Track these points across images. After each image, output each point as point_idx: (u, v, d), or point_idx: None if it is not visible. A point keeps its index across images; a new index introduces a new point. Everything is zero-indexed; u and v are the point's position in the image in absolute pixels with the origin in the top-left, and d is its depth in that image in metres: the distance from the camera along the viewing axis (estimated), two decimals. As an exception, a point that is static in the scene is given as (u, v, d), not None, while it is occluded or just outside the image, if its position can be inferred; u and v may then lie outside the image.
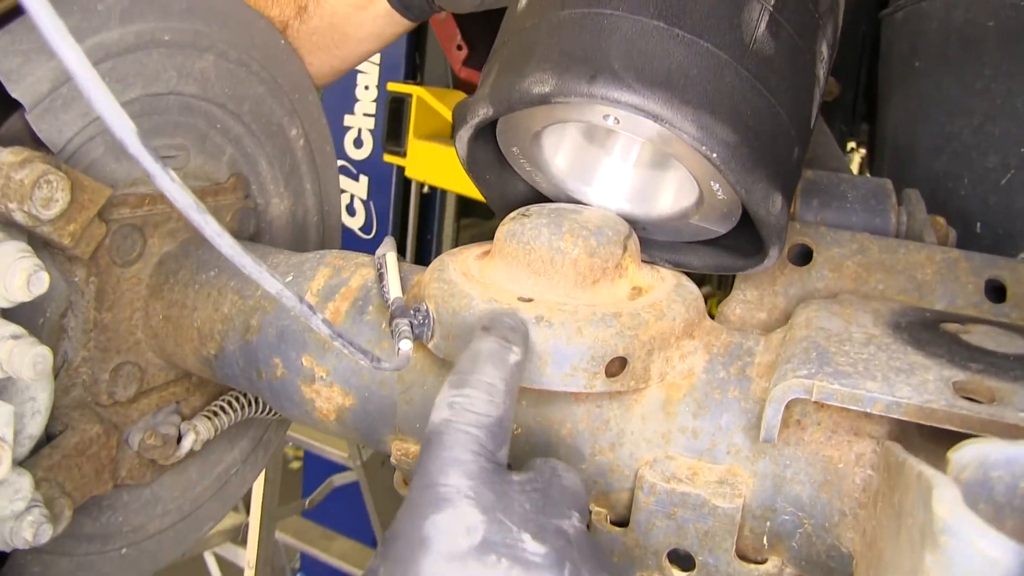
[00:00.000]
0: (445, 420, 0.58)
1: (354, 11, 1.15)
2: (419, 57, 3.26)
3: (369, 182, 3.37)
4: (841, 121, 1.79)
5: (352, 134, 3.33)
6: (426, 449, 0.58)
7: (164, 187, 0.42)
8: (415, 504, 0.55)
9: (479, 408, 0.59)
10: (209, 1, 1.00)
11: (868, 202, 0.95)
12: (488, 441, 0.58)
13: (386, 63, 3.21)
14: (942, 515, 0.36)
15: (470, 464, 0.56)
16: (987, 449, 0.41)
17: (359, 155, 3.35)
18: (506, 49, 0.80)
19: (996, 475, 0.41)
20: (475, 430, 0.58)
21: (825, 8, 0.79)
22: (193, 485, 1.12)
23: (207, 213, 0.45)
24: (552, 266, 0.76)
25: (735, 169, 0.71)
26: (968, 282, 0.84)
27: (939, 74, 1.24)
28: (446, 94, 2.99)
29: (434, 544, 0.52)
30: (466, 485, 0.55)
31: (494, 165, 0.91)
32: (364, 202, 3.36)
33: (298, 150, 1.19)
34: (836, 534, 0.67)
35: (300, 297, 0.54)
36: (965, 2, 1.21)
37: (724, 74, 0.72)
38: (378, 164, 3.26)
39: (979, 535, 0.34)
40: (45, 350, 0.74)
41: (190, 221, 0.45)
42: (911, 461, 0.48)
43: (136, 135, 0.40)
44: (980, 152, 1.16)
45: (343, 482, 3.32)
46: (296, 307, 0.54)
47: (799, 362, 0.65)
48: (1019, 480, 0.40)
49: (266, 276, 0.50)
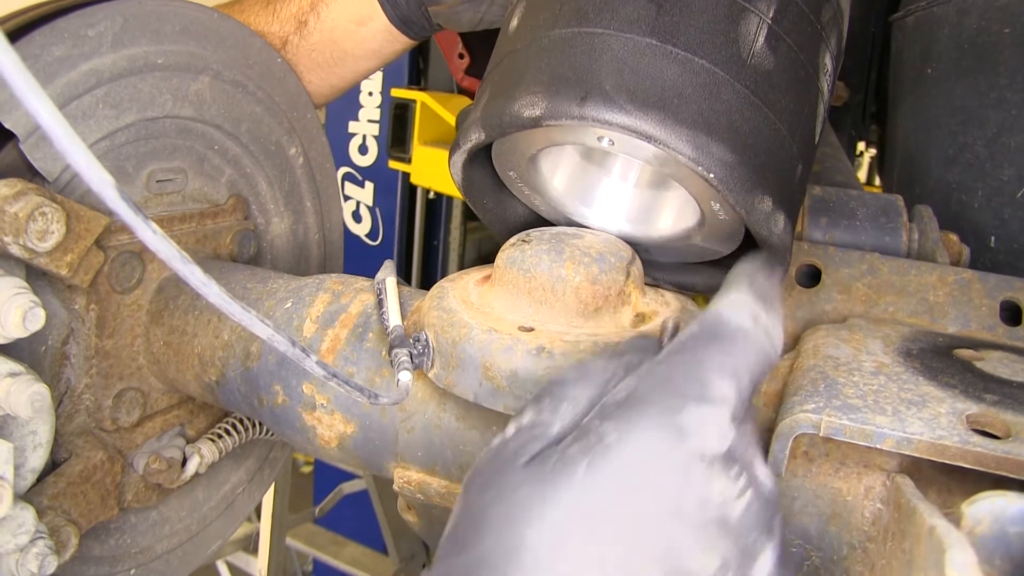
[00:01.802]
0: (744, 329, 0.52)
1: (354, 27, 1.14)
2: (422, 62, 3.25)
3: (375, 188, 3.35)
4: (851, 126, 1.77)
5: (357, 140, 3.32)
6: (712, 340, 0.52)
7: (146, 240, 0.41)
8: (674, 386, 0.50)
9: (774, 341, 0.53)
10: (202, 22, 0.99)
11: (878, 220, 0.93)
12: (759, 379, 0.53)
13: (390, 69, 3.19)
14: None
15: (744, 383, 0.51)
16: (1003, 503, 0.39)
17: (364, 161, 3.33)
18: (497, 72, 0.79)
19: (1014, 531, 0.39)
20: (765, 359, 0.53)
21: (828, 18, 0.77)
22: (200, 505, 1.12)
23: (192, 264, 0.44)
24: (553, 294, 0.74)
25: (734, 189, 0.69)
26: (982, 304, 0.82)
27: (951, 82, 1.21)
28: (450, 99, 2.97)
29: (689, 437, 0.48)
30: (732, 397, 0.50)
31: (491, 189, 0.90)
32: (370, 208, 3.35)
33: (297, 168, 1.18)
34: (844, 568, 0.66)
35: (293, 340, 0.53)
36: (979, 8, 1.18)
37: (720, 91, 0.69)
38: (383, 170, 3.25)
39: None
40: (43, 387, 0.74)
41: (175, 272, 0.44)
42: (923, 508, 0.47)
43: (115, 187, 0.39)
44: (995, 164, 1.14)
45: (353, 490, 3.32)
46: (289, 351, 0.53)
47: (806, 395, 0.63)
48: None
49: (256, 322, 0.49)
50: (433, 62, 3.19)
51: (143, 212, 0.40)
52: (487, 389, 0.71)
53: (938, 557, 0.37)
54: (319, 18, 1.13)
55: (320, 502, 3.41)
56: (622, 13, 0.71)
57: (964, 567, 0.34)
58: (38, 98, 0.36)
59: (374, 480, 3.01)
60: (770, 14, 0.73)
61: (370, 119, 3.29)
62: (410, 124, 2.97)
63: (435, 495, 0.80)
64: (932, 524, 0.42)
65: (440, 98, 2.95)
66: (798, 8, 0.74)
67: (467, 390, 0.72)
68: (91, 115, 0.86)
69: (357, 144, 3.34)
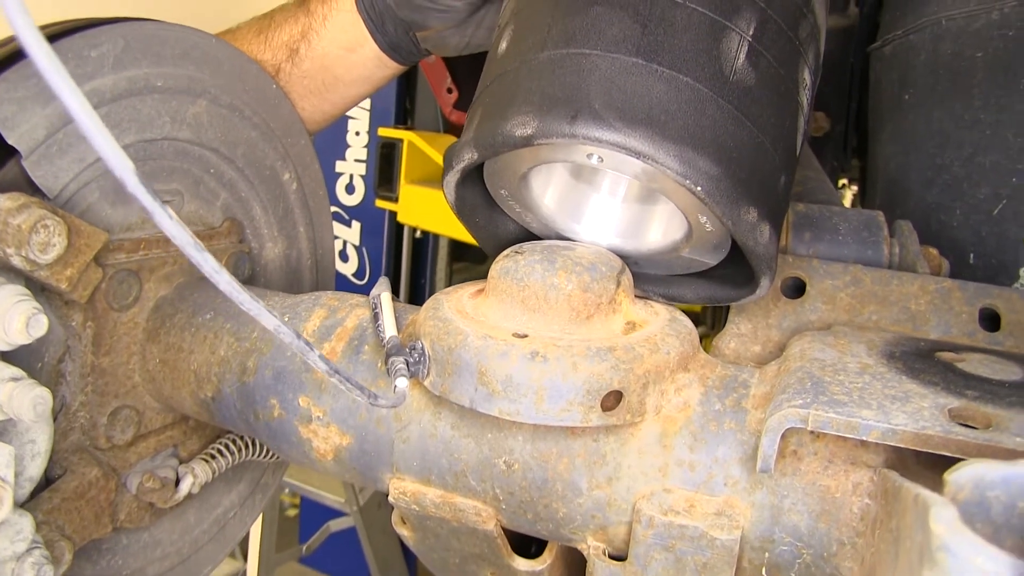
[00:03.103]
0: None
1: (345, 53, 1.16)
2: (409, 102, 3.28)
3: (361, 228, 3.37)
4: (832, 157, 1.80)
5: (344, 180, 3.34)
6: None
7: (163, 225, 0.43)
8: None
9: None
10: (201, 47, 1.01)
11: (860, 234, 0.96)
12: None
13: (377, 108, 3.22)
14: (939, 533, 0.36)
15: None
16: (983, 470, 0.41)
17: (351, 201, 3.35)
18: (488, 93, 0.81)
19: (993, 495, 0.41)
20: None
21: (805, 35, 0.80)
22: (192, 528, 1.12)
23: (205, 251, 0.45)
24: (546, 302, 0.76)
25: (720, 201, 0.71)
26: (962, 311, 0.85)
27: (929, 106, 1.25)
28: (436, 138, 3.01)
29: None
30: None
31: (483, 208, 0.92)
32: (357, 248, 3.37)
33: (291, 194, 1.20)
34: (835, 564, 0.67)
35: (297, 333, 0.54)
36: (953, 34, 1.22)
37: (705, 107, 0.72)
38: (370, 210, 3.27)
39: (976, 552, 0.34)
40: (45, 392, 0.75)
41: (189, 258, 0.46)
42: (908, 485, 0.48)
43: (135, 173, 0.41)
44: (971, 183, 1.17)
45: (340, 527, 3.30)
46: (294, 343, 0.54)
47: (794, 392, 0.65)
48: (1016, 500, 0.40)
49: (264, 313, 0.51)
50: (420, 102, 3.23)
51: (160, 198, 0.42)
52: (483, 394, 0.72)
53: (923, 519, 0.39)
54: (310, 45, 1.16)
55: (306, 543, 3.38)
56: (609, 34, 0.74)
57: (948, 520, 0.36)
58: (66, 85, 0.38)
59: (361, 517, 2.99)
60: (750, 32, 0.75)
61: (357, 158, 3.32)
62: (397, 163, 3.00)
63: (430, 505, 0.81)
64: (916, 493, 0.43)
65: (427, 137, 2.98)
66: (776, 25, 0.77)
67: (463, 396, 0.73)
68: (91, 135, 0.88)
69: (344, 183, 3.36)
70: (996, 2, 1.16)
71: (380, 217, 3.30)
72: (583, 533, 0.77)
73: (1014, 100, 1.13)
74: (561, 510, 0.76)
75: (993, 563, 0.33)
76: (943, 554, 0.35)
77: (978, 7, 1.18)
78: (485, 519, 0.80)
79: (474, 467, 0.78)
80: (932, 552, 0.36)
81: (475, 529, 0.81)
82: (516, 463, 0.77)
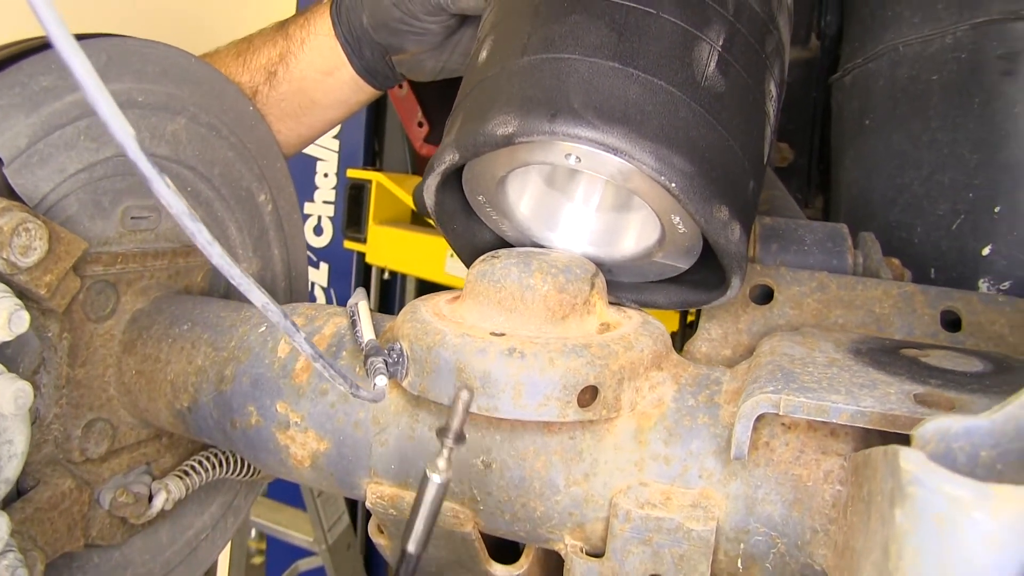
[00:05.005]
0: None
1: (322, 77, 1.19)
2: (378, 144, 3.30)
3: (330, 269, 3.37)
4: (796, 189, 1.84)
5: (312, 222, 3.35)
6: None
7: (159, 192, 0.44)
8: None
9: None
10: (182, 66, 1.03)
11: (825, 245, 0.99)
12: None
13: (345, 150, 3.25)
14: (909, 469, 0.37)
15: None
16: (948, 422, 0.43)
17: (319, 243, 3.36)
18: (469, 99, 0.84)
19: (958, 446, 0.42)
20: None
21: (771, 49, 0.84)
22: (164, 549, 1.11)
23: (199, 222, 0.46)
24: (523, 302, 0.78)
25: (694, 199, 0.74)
26: (924, 314, 0.87)
27: (889, 130, 1.29)
28: (405, 179, 3.03)
29: None
30: None
31: (461, 215, 0.94)
32: (325, 290, 3.37)
33: (266, 216, 1.21)
34: (809, 552, 0.68)
35: (285, 313, 0.55)
36: (910, 59, 1.27)
37: (678, 109, 0.75)
38: (338, 251, 3.27)
39: (944, 479, 0.36)
40: (26, 385, 0.75)
41: (184, 228, 0.47)
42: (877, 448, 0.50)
43: (135, 140, 0.42)
44: (931, 201, 1.21)
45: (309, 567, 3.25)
46: (281, 323, 0.55)
47: (766, 381, 0.67)
48: (979, 449, 0.42)
49: (254, 289, 0.52)
50: (388, 143, 3.26)
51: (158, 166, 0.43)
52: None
53: (893, 465, 0.41)
54: (288, 68, 1.18)
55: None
56: (586, 40, 0.77)
57: (916, 458, 0.38)
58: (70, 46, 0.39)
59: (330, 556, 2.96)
60: (720, 42, 0.79)
61: (325, 200, 3.33)
62: (365, 204, 3.02)
63: (408, 509, 0.82)
64: (885, 449, 0.45)
65: (396, 178, 3.01)
66: (744, 38, 0.81)
67: (441, 394, 0.74)
68: (73, 145, 0.89)
69: (312, 225, 3.37)
70: (950, 27, 1.20)
71: (348, 259, 3.31)
72: (560, 532, 0.78)
73: (969, 119, 1.17)
74: (539, 508, 0.77)
75: (959, 487, 0.35)
76: (913, 487, 0.37)
77: (933, 32, 1.23)
78: (463, 521, 0.80)
79: (452, 468, 0.79)
80: (903, 488, 0.38)
81: (453, 532, 0.81)
82: (494, 462, 0.78)
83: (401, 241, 2.91)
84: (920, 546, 0.37)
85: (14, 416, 0.74)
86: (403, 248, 2.91)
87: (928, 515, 0.36)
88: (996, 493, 0.35)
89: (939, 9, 1.22)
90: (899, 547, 0.38)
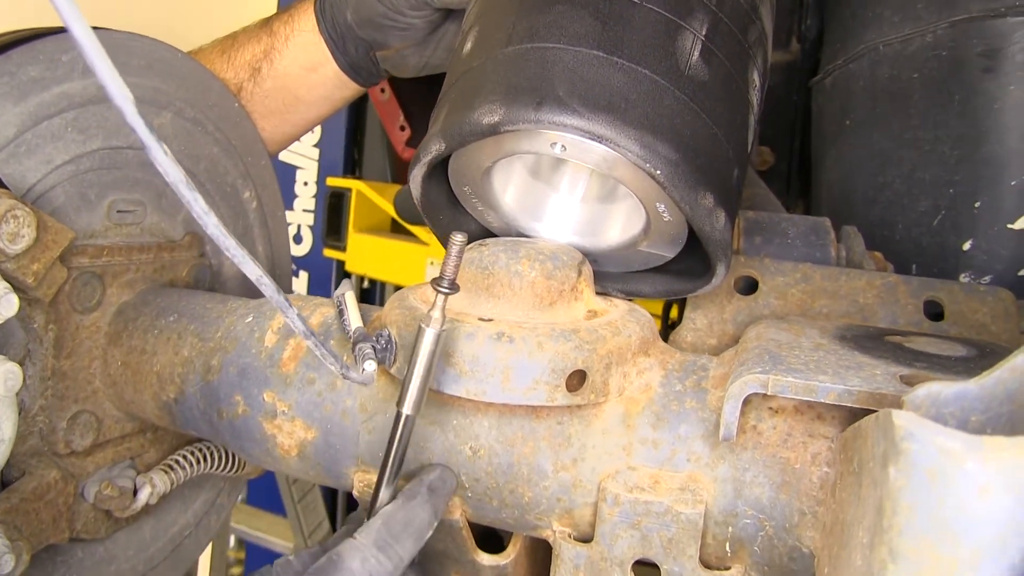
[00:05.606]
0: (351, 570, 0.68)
1: (306, 73, 1.19)
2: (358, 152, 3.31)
3: (309, 278, 3.36)
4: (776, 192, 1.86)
5: (292, 230, 3.34)
6: None
7: (156, 158, 0.44)
8: None
9: None
10: (167, 60, 1.03)
11: (808, 238, 1.00)
12: None
13: (325, 159, 3.25)
14: (902, 424, 0.38)
15: None
16: (938, 388, 0.44)
17: (299, 251, 3.35)
18: (454, 89, 0.84)
19: (948, 411, 0.43)
20: None
21: (754, 39, 0.85)
22: (147, 545, 1.10)
23: (196, 191, 0.47)
24: (511, 289, 0.78)
25: (678, 186, 0.75)
26: (908, 303, 0.88)
27: (869, 129, 1.31)
28: (385, 188, 3.03)
29: None
30: None
31: (447, 206, 0.94)
32: (304, 298, 3.36)
33: (251, 212, 1.21)
34: (797, 535, 0.69)
35: (277, 288, 0.56)
36: (890, 58, 1.28)
37: (663, 97, 0.76)
38: (318, 260, 3.27)
39: (936, 433, 0.36)
40: (15, 367, 0.75)
41: (179, 196, 0.47)
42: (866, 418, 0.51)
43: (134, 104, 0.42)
44: (912, 198, 1.22)
45: None
46: (274, 297, 0.56)
47: (753, 363, 0.68)
48: (969, 414, 0.43)
49: (248, 261, 0.52)
50: (368, 152, 3.26)
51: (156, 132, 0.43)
52: (450, 376, 0.73)
53: (885, 426, 0.41)
54: (272, 65, 1.19)
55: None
56: (571, 30, 0.78)
57: (909, 416, 0.38)
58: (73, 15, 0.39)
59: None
60: (703, 32, 0.80)
61: (305, 208, 3.33)
62: (345, 212, 3.02)
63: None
64: (876, 415, 0.46)
65: (376, 187, 3.01)
66: (727, 28, 0.82)
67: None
68: (60, 137, 0.89)
69: (292, 234, 3.36)
70: (930, 25, 1.22)
71: (328, 267, 3.30)
72: (549, 518, 0.78)
73: (949, 116, 1.19)
74: (527, 494, 0.77)
75: (951, 440, 0.36)
76: (907, 443, 0.37)
77: (912, 31, 1.24)
78: (451, 508, 0.80)
79: (440, 455, 0.79)
80: (896, 445, 0.38)
81: (440, 521, 0.81)
82: (482, 448, 0.78)
83: (381, 249, 2.91)
84: (914, 501, 0.37)
85: (3, 399, 0.74)
86: (383, 256, 2.91)
87: (921, 469, 0.37)
88: (987, 444, 0.35)
89: (919, 8, 1.24)
90: (893, 503, 0.39)
